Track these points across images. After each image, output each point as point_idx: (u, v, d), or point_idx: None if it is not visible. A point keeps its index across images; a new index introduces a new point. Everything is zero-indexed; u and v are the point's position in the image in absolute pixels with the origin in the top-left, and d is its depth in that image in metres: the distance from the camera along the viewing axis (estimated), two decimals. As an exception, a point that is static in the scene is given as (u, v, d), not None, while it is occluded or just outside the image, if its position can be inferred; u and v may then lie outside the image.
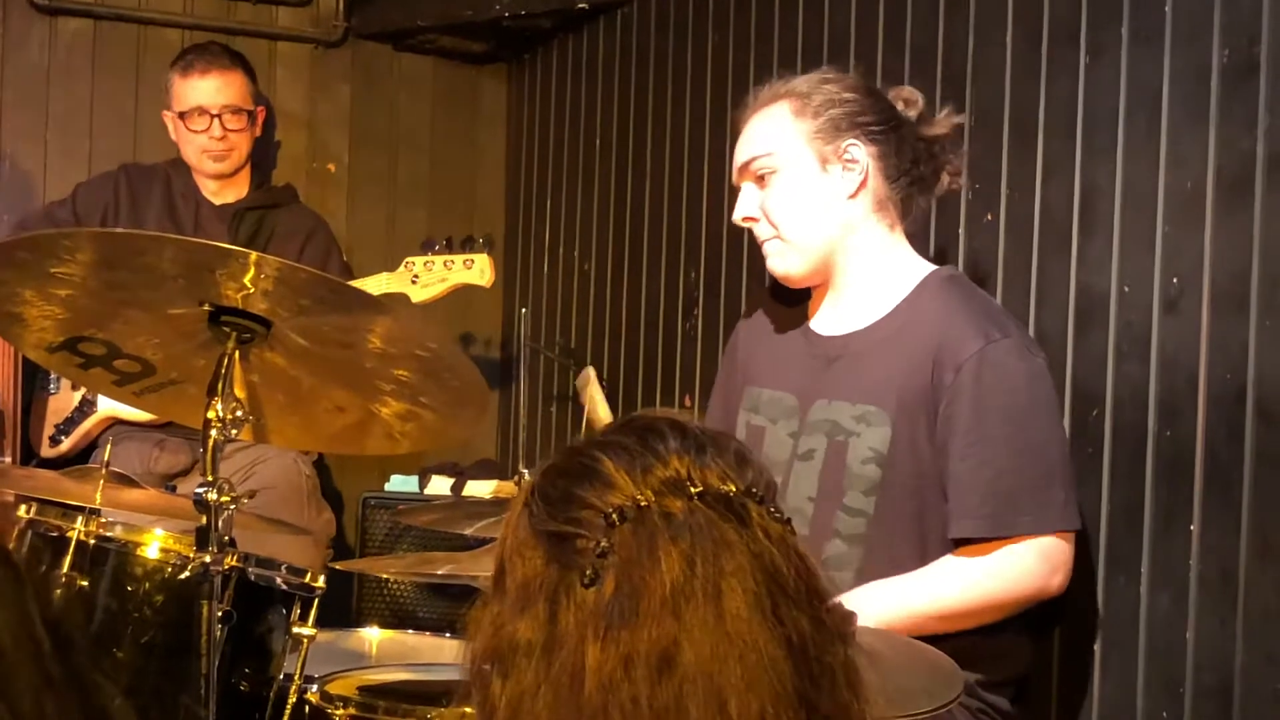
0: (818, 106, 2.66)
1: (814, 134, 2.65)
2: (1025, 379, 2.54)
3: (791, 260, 2.71)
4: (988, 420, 2.51)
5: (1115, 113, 2.65)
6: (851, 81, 2.72)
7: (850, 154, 2.65)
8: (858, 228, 2.68)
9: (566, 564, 1.26)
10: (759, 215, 2.71)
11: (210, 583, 2.18)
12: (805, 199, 2.67)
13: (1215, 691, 2.41)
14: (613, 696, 1.21)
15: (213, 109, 4.22)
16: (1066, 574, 2.54)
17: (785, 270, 2.72)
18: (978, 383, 2.51)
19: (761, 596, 1.24)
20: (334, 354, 2.31)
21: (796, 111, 2.67)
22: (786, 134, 2.67)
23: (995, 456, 2.51)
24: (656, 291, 4.15)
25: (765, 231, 2.72)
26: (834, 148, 2.65)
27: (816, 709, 1.24)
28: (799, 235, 2.68)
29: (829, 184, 2.66)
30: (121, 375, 2.41)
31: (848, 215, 2.67)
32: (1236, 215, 2.40)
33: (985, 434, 2.51)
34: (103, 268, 2.21)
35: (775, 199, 2.69)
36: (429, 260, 3.99)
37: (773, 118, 2.70)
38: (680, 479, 1.28)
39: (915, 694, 1.97)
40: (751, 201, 2.72)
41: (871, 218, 2.68)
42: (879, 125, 2.67)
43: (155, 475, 3.98)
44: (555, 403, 4.67)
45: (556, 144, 4.76)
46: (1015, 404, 2.52)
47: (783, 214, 2.69)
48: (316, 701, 2.57)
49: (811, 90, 2.68)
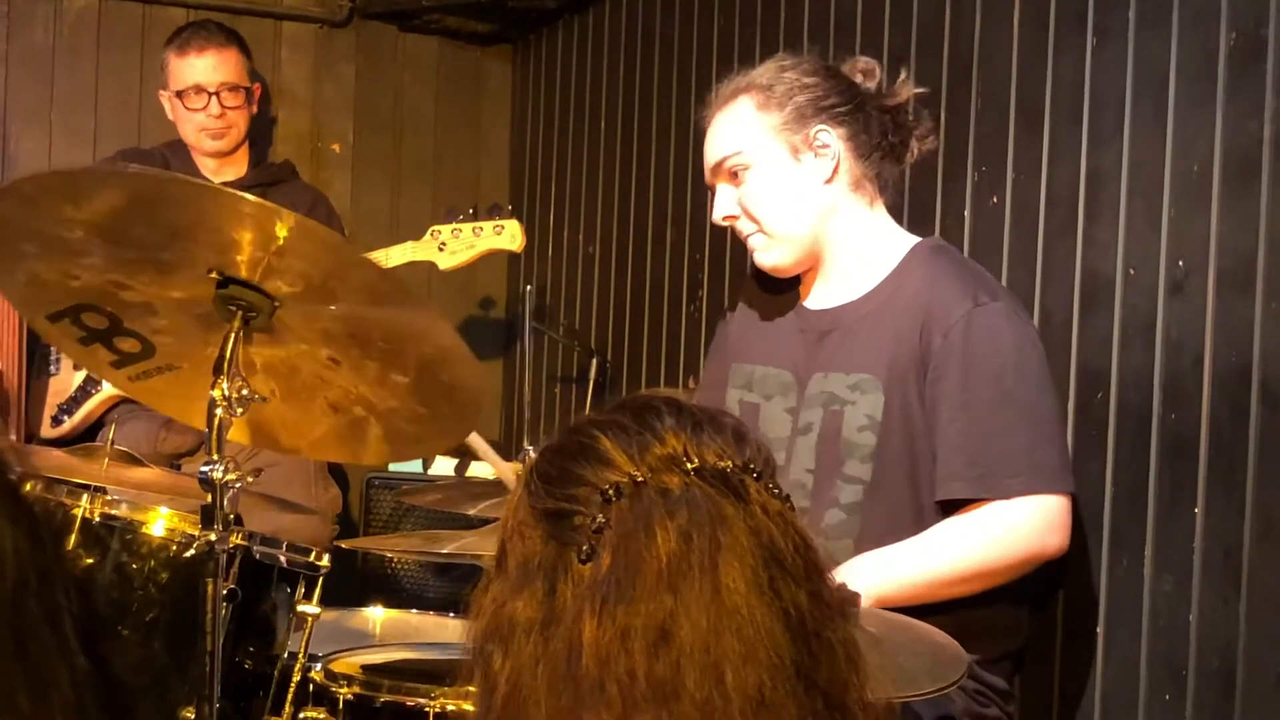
0: (781, 97, 2.65)
1: (781, 125, 2.65)
2: (1014, 341, 2.54)
3: (778, 253, 2.71)
4: (975, 382, 2.51)
5: (1122, 95, 2.65)
6: (810, 65, 2.70)
7: (820, 140, 2.65)
8: (838, 210, 2.68)
9: (564, 541, 1.27)
10: (738, 212, 2.72)
11: (215, 561, 2.18)
12: (782, 191, 2.67)
13: (1218, 673, 2.42)
14: (609, 670, 1.21)
15: (210, 87, 4.22)
16: (1064, 536, 2.53)
17: (774, 263, 2.73)
18: (965, 345, 2.51)
19: (759, 571, 1.24)
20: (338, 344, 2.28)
21: (760, 105, 2.66)
22: (754, 129, 2.66)
23: (983, 418, 2.51)
24: (661, 274, 4.15)
25: (747, 227, 2.72)
26: (803, 136, 2.65)
27: (814, 683, 1.24)
28: (782, 228, 2.69)
29: (804, 173, 2.66)
30: (121, 355, 2.39)
31: (827, 200, 2.67)
32: (1242, 198, 2.40)
33: (973, 396, 2.51)
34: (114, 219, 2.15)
35: (753, 195, 2.69)
36: (456, 228, 3.99)
37: (737, 114, 2.69)
38: (677, 455, 1.28)
39: (918, 675, 1.98)
40: (729, 200, 2.72)
41: (850, 197, 2.69)
42: (844, 106, 2.67)
43: (162, 455, 3.98)
44: (559, 384, 4.68)
45: (561, 125, 4.76)
46: (1003, 366, 2.52)
47: (762, 209, 2.69)
48: (320, 680, 2.58)
49: (772, 81, 2.66)
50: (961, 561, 2.52)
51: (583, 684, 1.22)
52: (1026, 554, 2.53)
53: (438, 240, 3.99)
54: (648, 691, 1.20)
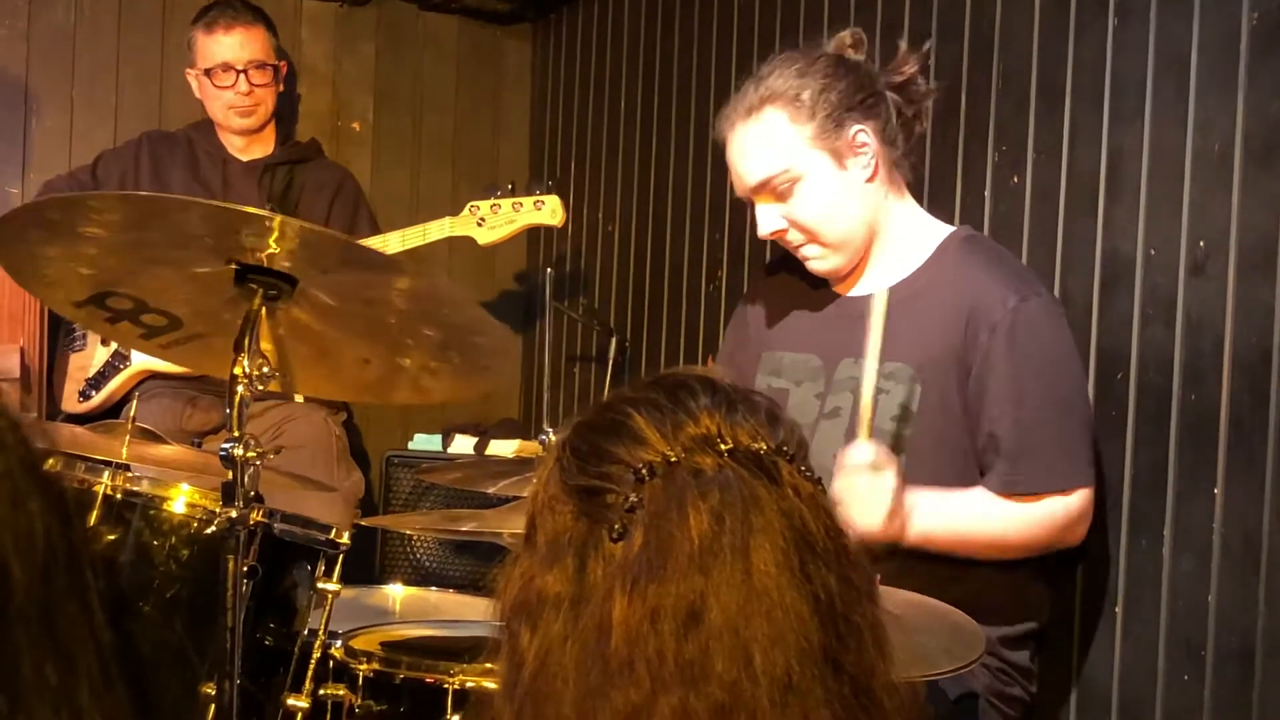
0: (811, 105, 2.61)
1: (820, 134, 2.61)
2: (1054, 338, 2.55)
3: (836, 260, 2.71)
4: (1022, 377, 2.52)
5: (1143, 76, 2.64)
6: (822, 65, 2.65)
7: (859, 140, 2.63)
8: (880, 204, 2.68)
9: (595, 518, 1.27)
10: (785, 226, 2.69)
11: (236, 538, 2.19)
12: (835, 200, 2.65)
13: (1237, 654, 2.42)
14: (639, 650, 1.21)
15: (238, 65, 4.22)
16: (1085, 527, 2.59)
17: (831, 268, 2.72)
18: (1011, 342, 2.52)
19: (790, 554, 1.24)
20: (360, 310, 2.32)
21: (793, 117, 2.62)
22: (794, 144, 2.62)
23: (1027, 413, 2.53)
24: (680, 253, 4.15)
25: (797, 238, 2.70)
26: (844, 141, 2.62)
27: (842, 667, 1.24)
28: (839, 236, 2.67)
29: (851, 178, 2.65)
30: (148, 329, 2.42)
31: (873, 198, 2.67)
32: (1264, 179, 2.39)
33: (1019, 391, 2.52)
34: (130, 228, 2.22)
35: (803, 209, 2.66)
36: (495, 203, 4.01)
37: (771, 130, 2.64)
38: (711, 436, 1.27)
39: (936, 654, 1.98)
40: (773, 216, 2.68)
41: (886, 189, 2.68)
42: (868, 98, 2.65)
43: (187, 432, 3.99)
44: (579, 363, 4.68)
45: (580, 104, 4.76)
46: (1048, 361, 2.54)
47: (817, 221, 2.66)
48: (340, 656, 2.59)
49: (797, 89, 2.62)
50: (991, 530, 2.55)
51: (611, 663, 1.21)
52: (1050, 542, 2.58)
53: (476, 216, 4.01)
54: (676, 672, 1.20)
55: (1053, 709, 2.78)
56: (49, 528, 0.99)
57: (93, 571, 1.02)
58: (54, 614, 0.98)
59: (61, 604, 0.99)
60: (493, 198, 4.03)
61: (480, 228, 4.02)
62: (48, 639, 0.97)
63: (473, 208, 4.03)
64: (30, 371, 4.04)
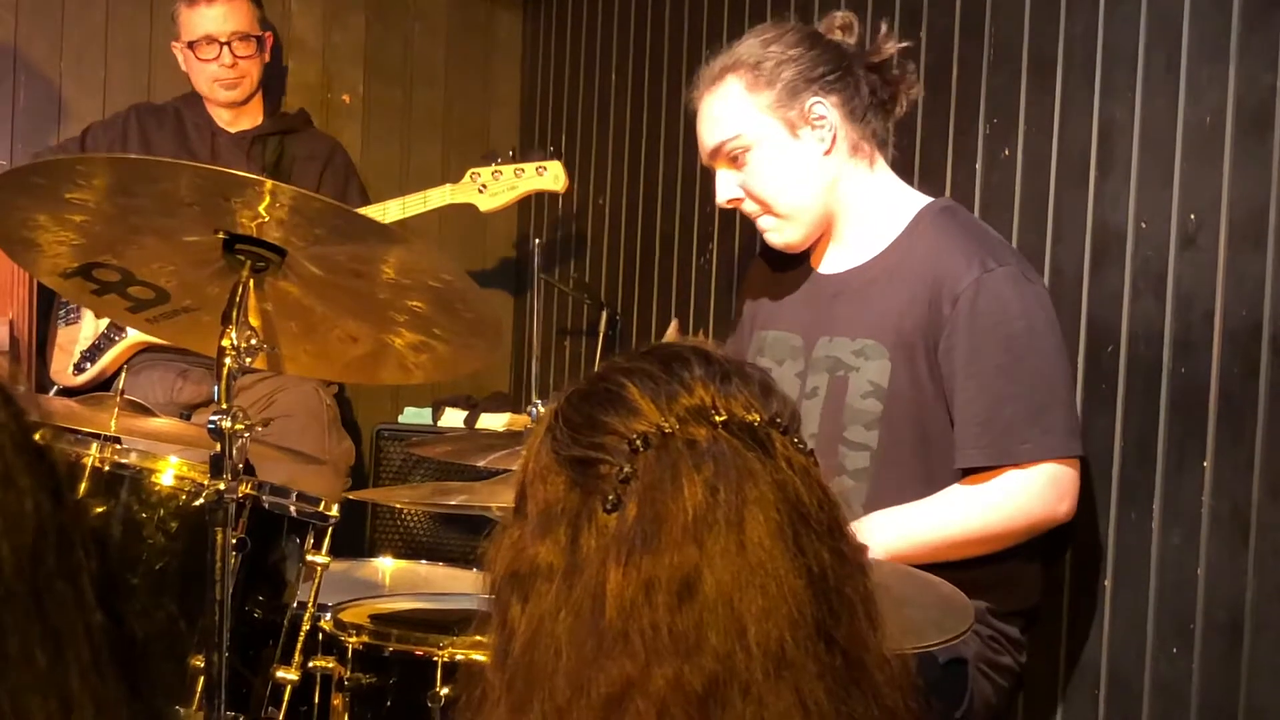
0: (770, 74, 2.63)
1: (775, 103, 2.63)
2: (1021, 307, 2.53)
3: (790, 232, 2.71)
4: (986, 349, 2.51)
5: (1135, 48, 2.63)
6: (794, 36, 2.67)
7: (815, 112, 2.64)
8: (841, 178, 2.68)
9: (589, 489, 1.26)
10: (741, 195, 2.71)
11: (224, 510, 2.19)
12: (786, 170, 2.66)
13: (1225, 627, 2.42)
14: (633, 621, 1.21)
15: (221, 36, 4.21)
16: (1073, 501, 2.55)
17: (785, 242, 2.73)
18: (974, 312, 2.51)
19: (784, 526, 1.24)
20: (348, 283, 2.31)
21: (750, 85, 2.64)
22: (747, 110, 2.65)
23: (993, 385, 2.51)
24: (671, 226, 4.14)
25: (753, 208, 2.72)
26: (798, 111, 2.63)
27: (834, 640, 1.24)
28: (790, 207, 2.68)
29: (804, 149, 2.65)
30: (135, 302, 2.42)
31: (829, 171, 2.67)
32: (1255, 151, 2.39)
33: (984, 363, 2.51)
34: (118, 194, 2.20)
35: (756, 177, 2.68)
36: (496, 170, 4.02)
37: (729, 96, 2.66)
38: (705, 407, 1.27)
39: (925, 626, 1.98)
40: (730, 183, 2.71)
41: (850, 163, 2.68)
42: (833, 73, 2.65)
43: (178, 405, 3.99)
44: (569, 337, 4.68)
45: (571, 77, 4.74)
46: (1013, 332, 2.52)
47: (768, 190, 2.68)
48: (330, 629, 2.59)
49: (759, 58, 2.63)
50: (969, 525, 2.53)
51: (606, 634, 1.21)
52: (1033, 520, 2.55)
53: (477, 183, 4.01)
54: (670, 644, 1.20)
55: (1042, 681, 2.78)
56: (39, 506, 0.98)
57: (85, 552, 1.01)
58: (43, 595, 0.97)
59: (51, 585, 0.98)
60: (493, 164, 4.04)
61: (481, 194, 4.02)
62: (36, 621, 0.96)
63: (473, 174, 4.03)
64: (20, 344, 4.03)
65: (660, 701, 1.19)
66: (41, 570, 0.97)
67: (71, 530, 1.00)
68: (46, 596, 0.97)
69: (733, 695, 1.20)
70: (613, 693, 1.20)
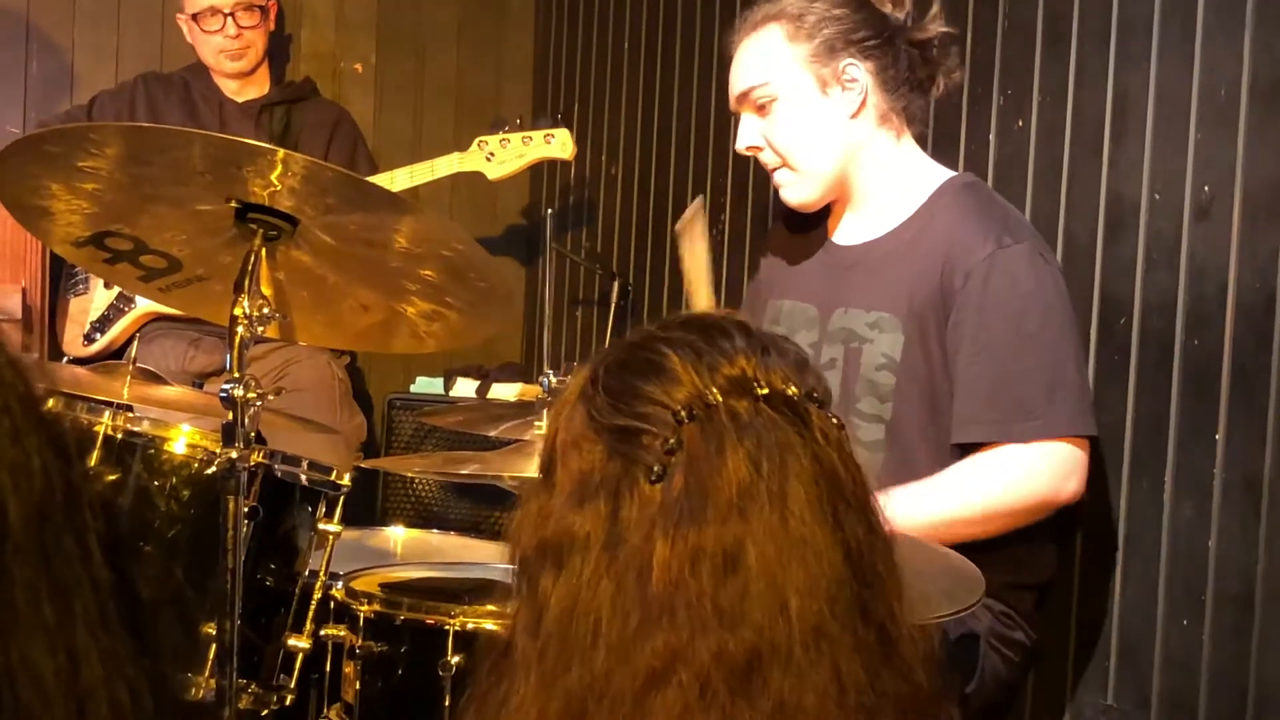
0: (811, 28, 2.62)
1: (810, 57, 2.62)
2: (1034, 284, 2.51)
3: (804, 189, 2.70)
4: (994, 326, 2.50)
5: (1150, 17, 2.62)
6: None
7: (849, 74, 2.62)
8: (865, 144, 2.67)
9: (631, 459, 1.25)
10: (762, 144, 2.70)
11: (236, 478, 2.19)
12: (809, 125, 2.65)
13: (1236, 599, 2.42)
14: (680, 593, 1.21)
15: (224, 8, 4.19)
16: (1081, 481, 2.52)
17: (799, 199, 2.71)
18: (985, 288, 2.50)
19: (823, 500, 1.24)
20: (360, 252, 2.31)
21: (790, 35, 2.63)
22: (782, 60, 2.64)
23: (1001, 361, 2.50)
24: (684, 197, 4.13)
25: (771, 160, 2.71)
26: (832, 70, 2.62)
27: (870, 615, 1.25)
28: (807, 163, 2.67)
29: (831, 107, 2.64)
30: (147, 271, 2.42)
31: (853, 135, 2.65)
32: (1270, 123, 2.38)
33: (992, 339, 2.50)
34: (130, 163, 2.20)
35: (778, 127, 2.67)
36: (504, 138, 4.01)
37: (766, 43, 2.66)
38: (746, 379, 1.27)
39: (936, 598, 1.98)
40: (753, 130, 2.70)
41: (877, 132, 2.67)
42: (873, 39, 2.64)
43: (190, 374, 3.99)
44: (580, 306, 4.67)
45: (585, 46, 4.73)
46: (1023, 310, 2.50)
47: (788, 142, 2.67)
48: (341, 597, 2.59)
49: (803, 10, 2.63)
50: (975, 505, 2.50)
51: (652, 605, 1.21)
52: (1040, 499, 2.52)
53: (485, 151, 4.00)
54: (714, 616, 1.20)
55: (1053, 653, 2.79)
56: (47, 464, 0.99)
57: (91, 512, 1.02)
58: (51, 552, 0.98)
59: (59, 542, 0.98)
60: (501, 132, 4.02)
61: (489, 163, 4.02)
62: (44, 577, 0.97)
63: (481, 142, 4.02)
64: (32, 312, 4.03)
65: (703, 672, 1.19)
66: (49, 526, 0.98)
67: (79, 490, 1.01)
68: (54, 552, 0.98)
69: (773, 667, 1.20)
70: (656, 664, 1.20)
